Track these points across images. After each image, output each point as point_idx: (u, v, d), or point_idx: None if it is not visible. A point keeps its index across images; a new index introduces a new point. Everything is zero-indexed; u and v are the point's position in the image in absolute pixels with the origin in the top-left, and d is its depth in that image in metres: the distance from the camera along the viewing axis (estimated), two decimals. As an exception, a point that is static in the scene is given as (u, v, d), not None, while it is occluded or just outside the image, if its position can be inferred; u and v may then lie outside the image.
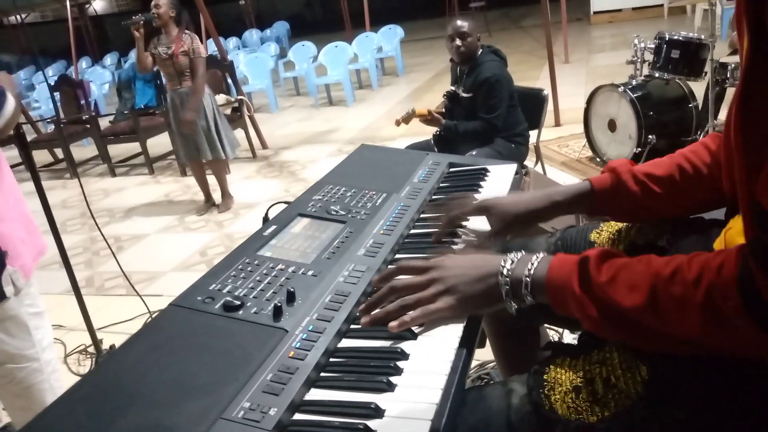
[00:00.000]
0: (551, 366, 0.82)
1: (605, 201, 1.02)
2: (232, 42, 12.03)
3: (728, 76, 3.46)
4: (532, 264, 0.82)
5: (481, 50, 3.02)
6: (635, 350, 0.77)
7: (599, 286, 0.75)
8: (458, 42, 2.95)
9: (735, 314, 0.64)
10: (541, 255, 0.83)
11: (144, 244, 4.06)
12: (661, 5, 9.97)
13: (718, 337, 0.67)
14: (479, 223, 1.19)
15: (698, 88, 3.78)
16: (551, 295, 0.80)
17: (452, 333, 0.86)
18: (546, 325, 1.49)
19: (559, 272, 0.79)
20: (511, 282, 0.83)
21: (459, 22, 2.97)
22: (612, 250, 0.80)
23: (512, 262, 0.84)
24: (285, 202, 1.31)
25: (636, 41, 3.88)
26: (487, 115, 2.91)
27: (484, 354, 1.97)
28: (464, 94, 3.03)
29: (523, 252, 0.85)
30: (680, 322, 0.68)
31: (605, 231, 1.11)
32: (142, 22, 3.95)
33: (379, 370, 0.80)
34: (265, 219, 1.29)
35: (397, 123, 3.19)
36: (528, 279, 0.81)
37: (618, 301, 0.73)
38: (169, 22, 3.96)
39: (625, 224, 1.09)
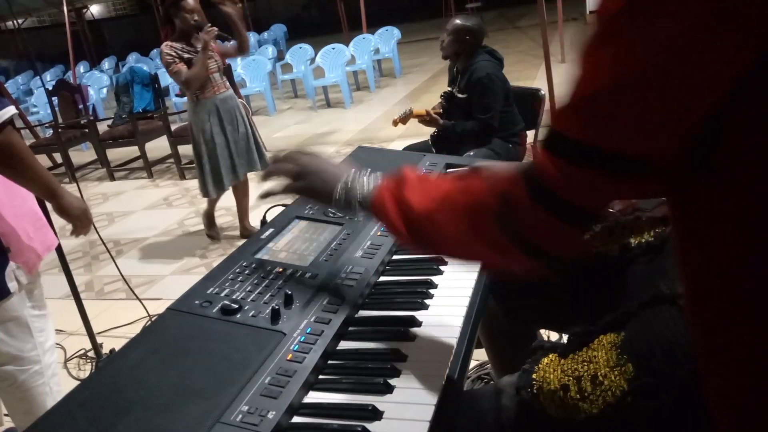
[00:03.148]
0: (539, 365, 0.83)
1: None
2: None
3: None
4: (367, 181, 0.91)
5: (476, 52, 3.03)
6: (621, 348, 0.77)
7: (405, 186, 0.80)
8: (441, 38, 3.01)
9: (520, 200, 0.64)
10: (378, 174, 0.91)
11: (143, 248, 4.06)
12: (658, 4, 9.98)
13: (471, 236, 0.70)
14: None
15: (695, 86, 3.79)
16: (374, 206, 0.86)
17: (450, 334, 0.86)
18: (542, 330, 1.49)
19: (382, 183, 0.87)
20: (347, 191, 0.92)
21: (457, 21, 3.01)
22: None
23: (354, 174, 0.93)
24: (283, 205, 1.32)
25: (632, 40, 3.88)
26: (483, 115, 2.91)
27: (484, 354, 1.98)
28: (460, 95, 3.04)
29: (367, 171, 0.93)
30: (451, 225, 0.72)
31: (599, 232, 1.11)
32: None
33: (377, 372, 0.80)
34: (263, 222, 1.29)
35: (395, 123, 3.19)
36: (359, 194, 0.90)
37: (414, 208, 0.77)
38: None
39: (618, 225, 1.10)
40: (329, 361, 0.84)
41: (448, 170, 1.52)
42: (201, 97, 3.48)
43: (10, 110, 1.51)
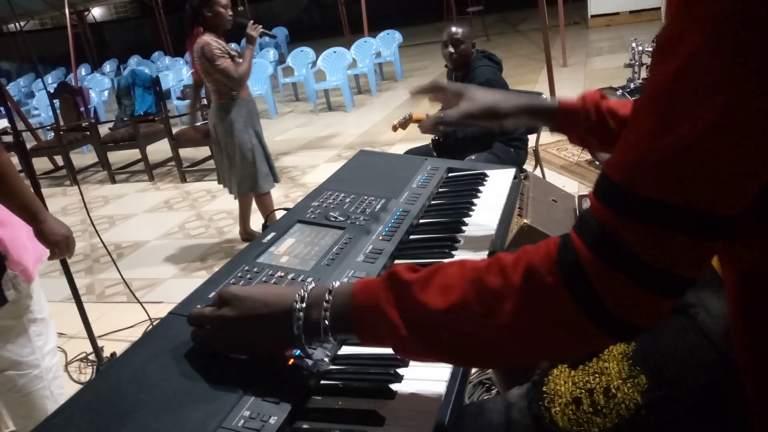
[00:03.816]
0: (550, 377, 0.82)
1: (565, 121, 1.09)
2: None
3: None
4: (327, 301, 0.73)
5: (474, 56, 3.02)
6: (633, 359, 0.76)
7: (411, 289, 0.67)
8: (451, 49, 2.97)
9: (553, 291, 0.58)
10: (336, 286, 0.74)
11: (144, 251, 4.06)
12: (659, 8, 10.00)
13: (533, 322, 0.60)
14: (479, 229, 1.20)
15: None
16: (359, 325, 0.71)
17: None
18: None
19: (364, 295, 0.71)
20: (307, 326, 0.73)
21: (453, 29, 2.98)
22: (417, 266, 0.72)
23: (303, 300, 0.74)
24: (284, 209, 1.32)
25: (634, 44, 3.89)
26: None
27: (485, 359, 1.97)
28: None
29: (312, 285, 0.76)
30: (496, 313, 0.61)
31: None
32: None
33: (379, 377, 0.79)
34: (265, 225, 1.29)
35: (395, 128, 3.18)
36: (326, 320, 0.72)
37: (429, 305, 0.65)
38: None
39: None
40: (331, 366, 0.84)
41: (450, 174, 1.52)
42: (237, 97, 3.38)
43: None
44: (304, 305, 0.73)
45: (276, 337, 0.76)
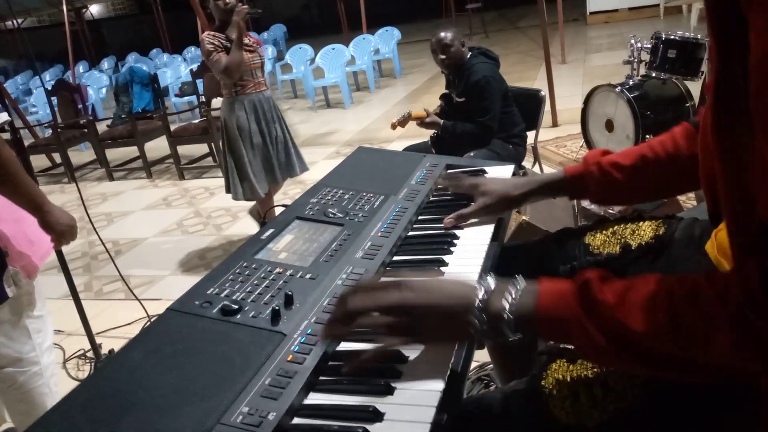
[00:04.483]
0: (548, 371, 0.82)
1: (576, 187, 1.12)
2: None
3: (725, 75, 3.46)
4: (513, 297, 0.73)
5: (470, 54, 3.01)
6: None
7: (608, 309, 0.67)
8: (441, 56, 2.95)
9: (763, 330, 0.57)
10: (521, 284, 0.75)
11: (142, 248, 4.06)
12: (657, 5, 10.00)
13: (746, 357, 0.61)
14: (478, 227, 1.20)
15: (695, 87, 3.78)
16: (547, 329, 0.72)
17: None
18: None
19: (554, 302, 0.72)
20: (489, 319, 0.73)
21: (441, 34, 2.94)
22: (606, 272, 0.72)
23: (485, 293, 0.74)
24: (283, 205, 1.31)
25: (633, 41, 3.88)
26: (482, 117, 2.90)
27: (484, 355, 1.97)
28: (457, 99, 3.02)
29: (495, 280, 0.77)
30: (707, 344, 0.61)
31: (600, 234, 1.11)
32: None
33: (377, 373, 0.79)
34: (263, 222, 1.29)
35: (393, 126, 3.17)
36: (510, 315, 0.72)
37: (631, 326, 0.64)
38: None
39: (619, 226, 1.10)
40: (330, 363, 0.83)
41: (449, 170, 1.52)
42: (241, 93, 3.28)
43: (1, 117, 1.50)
44: (485, 297, 0.74)
45: (453, 331, 0.77)
